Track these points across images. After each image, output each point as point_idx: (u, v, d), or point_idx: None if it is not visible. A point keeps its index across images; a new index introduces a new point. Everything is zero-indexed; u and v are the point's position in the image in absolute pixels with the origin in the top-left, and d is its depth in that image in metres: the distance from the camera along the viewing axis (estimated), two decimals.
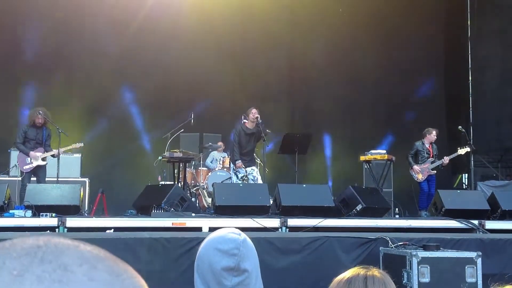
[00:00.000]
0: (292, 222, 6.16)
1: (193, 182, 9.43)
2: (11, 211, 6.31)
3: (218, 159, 9.91)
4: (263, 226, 6.03)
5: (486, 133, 12.71)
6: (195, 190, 9.28)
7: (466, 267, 4.86)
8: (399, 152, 10.26)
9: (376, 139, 12.07)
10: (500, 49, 12.57)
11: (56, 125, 8.21)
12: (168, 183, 8.96)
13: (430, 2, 13.51)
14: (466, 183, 12.74)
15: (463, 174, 13.05)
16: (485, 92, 12.98)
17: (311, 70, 12.88)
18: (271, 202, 6.86)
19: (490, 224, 6.59)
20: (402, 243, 5.41)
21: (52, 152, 8.10)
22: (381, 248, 5.43)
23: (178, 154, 8.57)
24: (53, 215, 5.95)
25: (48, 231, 5.66)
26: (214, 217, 6.38)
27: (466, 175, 12.67)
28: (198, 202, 8.96)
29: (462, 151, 9.45)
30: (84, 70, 11.32)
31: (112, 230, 5.76)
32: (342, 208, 6.99)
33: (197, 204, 8.63)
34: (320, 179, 11.92)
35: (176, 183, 8.26)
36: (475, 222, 6.50)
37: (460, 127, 9.93)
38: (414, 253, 4.87)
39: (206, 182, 9.20)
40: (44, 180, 7.97)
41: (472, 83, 13.32)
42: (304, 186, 8.09)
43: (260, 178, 8.74)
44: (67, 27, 11.43)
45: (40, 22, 11.32)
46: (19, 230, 5.67)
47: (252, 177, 8.66)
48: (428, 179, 9.46)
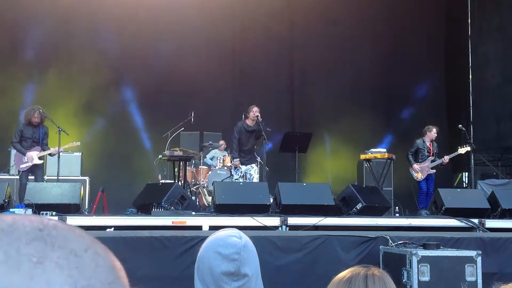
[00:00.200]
0: (292, 220, 6.16)
1: (193, 180, 9.42)
2: (11, 210, 6.31)
3: (219, 158, 9.91)
4: (263, 225, 6.03)
5: (486, 131, 12.69)
6: (195, 189, 9.27)
7: (466, 266, 4.86)
8: (400, 150, 10.25)
9: (376, 138, 12.07)
10: (501, 47, 12.54)
11: (56, 123, 8.14)
12: (168, 181, 8.96)
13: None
14: (466, 182, 12.73)
15: (463, 173, 13.03)
16: (485, 90, 12.96)
17: (311, 68, 12.88)
18: (271, 200, 6.85)
19: (490, 223, 6.58)
20: (402, 241, 5.41)
21: (49, 151, 7.97)
22: (381, 246, 5.43)
23: (178, 153, 8.57)
24: (53, 213, 5.96)
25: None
26: (214, 215, 6.38)
27: (466, 173, 12.65)
28: (198, 200, 8.96)
29: (462, 150, 9.42)
30: (84, 69, 11.32)
31: (112, 228, 5.77)
32: (342, 207, 6.99)
33: (197, 203, 8.63)
34: (320, 177, 11.92)
35: (176, 181, 8.26)
36: (475, 221, 6.49)
37: (460, 125, 9.93)
38: (414, 251, 4.87)
39: (207, 180, 9.20)
40: (42, 179, 7.92)
41: (472, 81, 13.30)
42: (304, 184, 8.10)
43: (257, 178, 8.71)
44: (66, 26, 11.43)
45: (40, 21, 11.31)
46: None
47: (249, 175, 8.64)
48: (427, 178, 9.46)
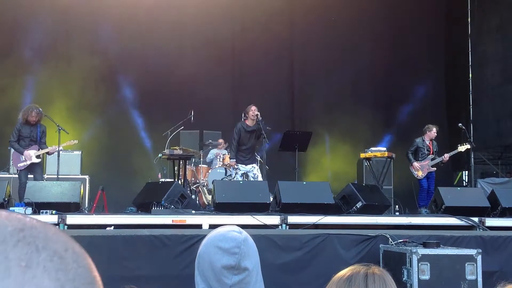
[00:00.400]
0: (292, 219, 6.16)
1: (193, 179, 9.42)
2: (11, 208, 6.30)
3: (218, 157, 9.91)
4: (263, 224, 6.03)
5: (486, 130, 12.69)
6: (195, 187, 9.27)
7: (466, 264, 4.86)
8: (399, 149, 10.25)
9: (376, 137, 12.08)
10: (501, 46, 12.54)
11: (56, 122, 8.11)
12: (168, 180, 8.96)
13: None
14: (466, 180, 12.73)
15: (463, 171, 13.04)
16: (485, 89, 12.96)
17: (311, 68, 12.87)
18: (271, 199, 6.85)
19: (490, 221, 6.58)
20: (402, 240, 5.42)
21: (47, 149, 7.90)
22: (381, 245, 5.44)
23: (178, 152, 8.57)
24: (53, 212, 5.95)
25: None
26: (214, 214, 6.38)
27: (466, 172, 12.65)
28: (198, 199, 8.96)
29: (462, 148, 9.44)
30: (84, 68, 11.31)
31: (112, 227, 5.77)
32: (342, 205, 6.99)
33: (197, 201, 8.63)
34: (320, 176, 11.92)
35: (176, 180, 8.25)
36: (475, 219, 6.48)
37: (460, 124, 9.92)
38: (414, 250, 4.87)
39: (206, 179, 9.20)
40: (41, 177, 7.89)
41: (472, 80, 13.30)
42: (304, 183, 8.09)
43: (261, 176, 8.73)
44: (66, 25, 11.43)
45: (40, 20, 11.31)
46: None
47: (253, 174, 8.64)
48: (428, 176, 9.46)
